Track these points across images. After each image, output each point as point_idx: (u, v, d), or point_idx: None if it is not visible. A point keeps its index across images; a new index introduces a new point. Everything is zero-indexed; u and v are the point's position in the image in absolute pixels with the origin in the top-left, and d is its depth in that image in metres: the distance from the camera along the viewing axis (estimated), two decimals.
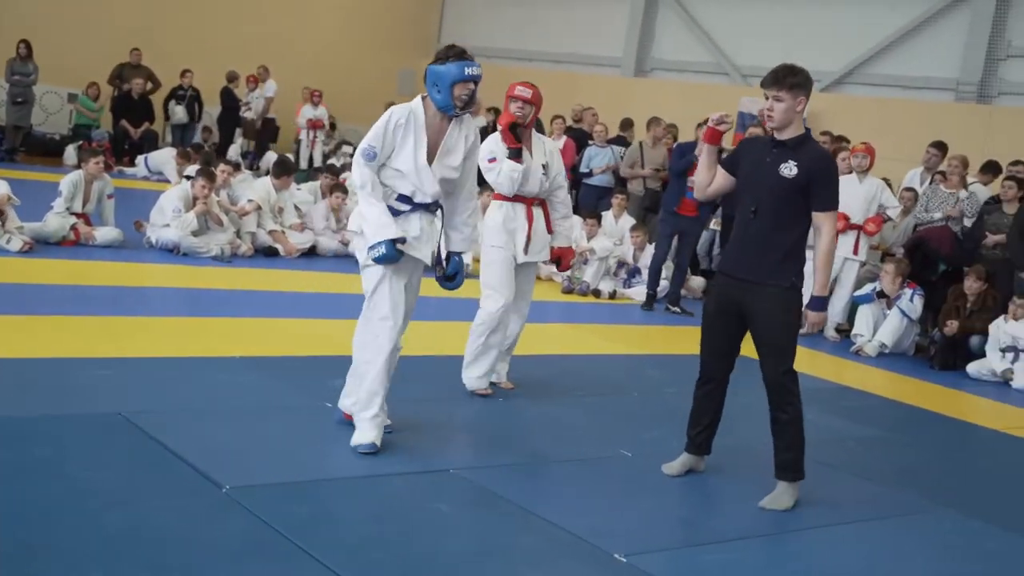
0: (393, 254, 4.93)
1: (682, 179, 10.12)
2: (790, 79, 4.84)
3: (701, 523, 4.89)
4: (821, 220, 4.85)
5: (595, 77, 18.10)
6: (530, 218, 6.44)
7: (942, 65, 14.11)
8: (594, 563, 4.13)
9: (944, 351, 9.50)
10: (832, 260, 4.92)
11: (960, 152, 10.90)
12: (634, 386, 7.17)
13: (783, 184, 4.83)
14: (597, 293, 11.06)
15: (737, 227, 5.03)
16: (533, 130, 6.51)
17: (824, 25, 15.15)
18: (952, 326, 9.40)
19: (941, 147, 11.16)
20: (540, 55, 19.40)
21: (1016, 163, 10.71)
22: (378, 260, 4.96)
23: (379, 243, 4.91)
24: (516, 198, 6.42)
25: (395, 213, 5.06)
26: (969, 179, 10.91)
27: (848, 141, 11.19)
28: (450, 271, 5.43)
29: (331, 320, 8.08)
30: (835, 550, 4.66)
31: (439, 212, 5.29)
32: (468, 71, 5.01)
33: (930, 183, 10.83)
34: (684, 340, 9.20)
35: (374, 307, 5.11)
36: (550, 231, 6.54)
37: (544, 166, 6.39)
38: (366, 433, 4.99)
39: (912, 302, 9.75)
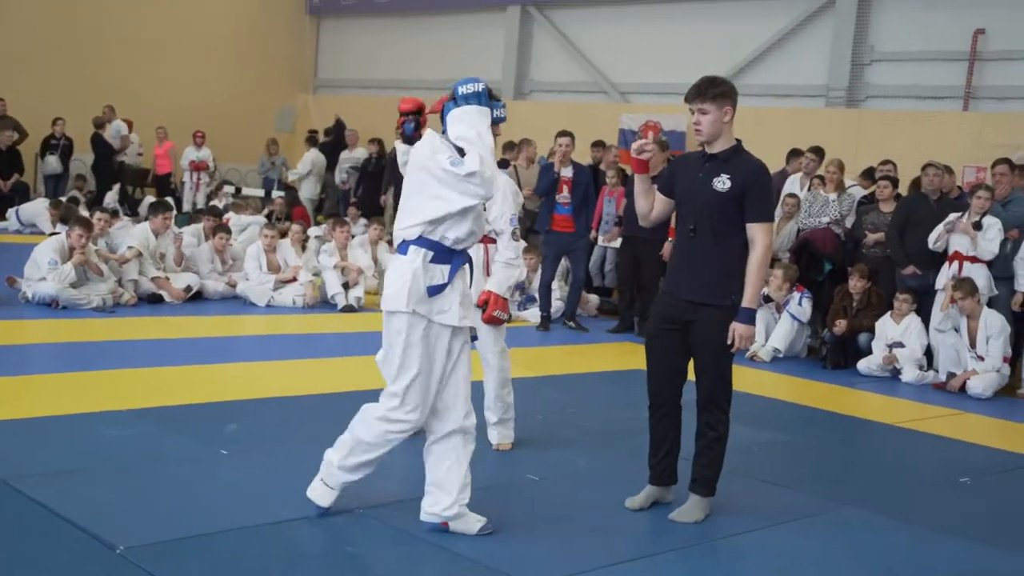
0: None
1: (550, 198, 10.32)
2: (712, 90, 4.79)
3: (615, 541, 4.84)
4: (755, 232, 4.77)
5: None
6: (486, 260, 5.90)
7: (811, 72, 14.49)
8: None
9: (835, 351, 9.69)
10: (765, 273, 4.88)
11: (834, 155, 11.18)
12: (536, 409, 7.12)
13: (718, 198, 4.77)
14: None
15: (677, 246, 4.98)
16: None
17: (696, 40, 15.44)
18: (840, 326, 9.59)
19: (818, 152, 11.42)
20: (420, 83, 19.32)
21: (886, 163, 11.02)
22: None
23: None
24: None
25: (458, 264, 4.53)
26: (848, 181, 11.18)
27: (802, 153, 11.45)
28: None
29: (222, 365, 7.88)
30: (747, 559, 4.67)
31: None
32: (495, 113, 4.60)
33: (809, 188, 11.07)
34: (582, 360, 9.21)
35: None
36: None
37: None
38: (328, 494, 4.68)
39: (801, 305, 9.92)
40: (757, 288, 4.80)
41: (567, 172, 10.35)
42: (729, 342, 4.77)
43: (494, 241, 5.76)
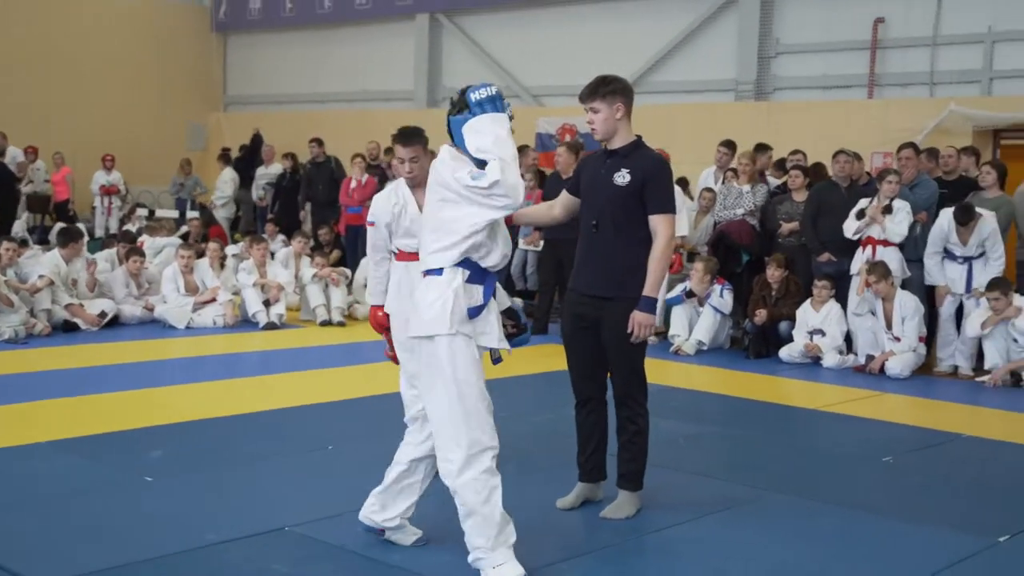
0: None
1: None
2: (603, 88, 4.84)
3: (544, 543, 4.84)
4: (657, 223, 4.81)
5: (389, 112, 18.03)
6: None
7: (720, 67, 14.68)
8: None
9: (756, 340, 9.82)
10: (667, 263, 4.90)
11: (747, 148, 11.34)
12: None
13: (618, 192, 4.82)
14: None
15: (581, 242, 4.99)
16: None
17: (605, 41, 15.55)
18: (761, 315, 9.73)
19: (730, 145, 11.57)
20: (331, 96, 19.24)
21: (795, 152, 11.20)
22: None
23: None
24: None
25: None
26: (756, 173, 11.33)
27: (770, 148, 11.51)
28: None
29: (144, 390, 7.74)
30: (678, 551, 4.70)
31: None
32: None
33: (723, 181, 11.21)
34: (504, 365, 9.18)
35: None
36: None
37: None
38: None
39: (722, 297, 10.05)
40: (657, 277, 4.82)
41: None
42: (629, 330, 4.79)
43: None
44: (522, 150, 13.07)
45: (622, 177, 4.83)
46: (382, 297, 5.44)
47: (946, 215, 9.30)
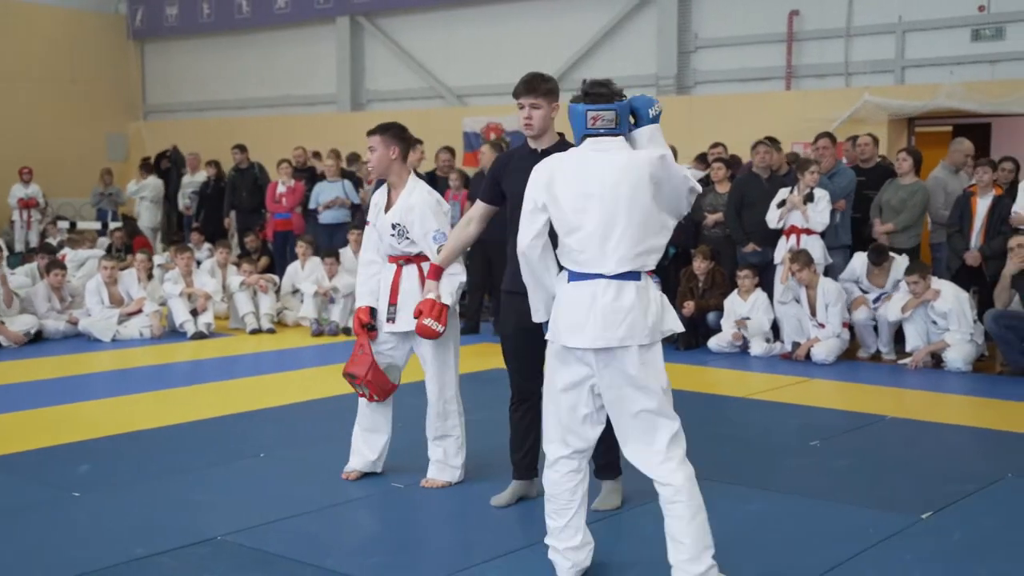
0: None
1: None
2: (544, 86, 4.85)
3: (480, 540, 4.86)
4: None
5: (313, 117, 17.95)
6: (395, 281, 5.47)
7: (641, 63, 14.82)
8: None
9: (686, 332, 9.91)
10: None
11: (669, 142, 11.43)
12: (396, 416, 7.09)
13: None
14: (347, 331, 10.92)
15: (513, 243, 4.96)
16: (405, 183, 5.49)
17: (527, 39, 15.62)
18: (689, 307, 9.85)
19: None
20: (253, 102, 19.06)
21: (715, 145, 11.36)
22: None
23: None
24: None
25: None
26: (685, 166, 11.46)
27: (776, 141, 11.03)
28: None
29: (71, 405, 7.62)
30: (608, 541, 4.75)
31: None
32: None
33: None
34: None
35: None
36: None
37: (394, 225, 5.42)
38: None
39: None
40: None
41: None
42: None
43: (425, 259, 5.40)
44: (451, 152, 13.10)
45: None
46: (367, 298, 5.52)
47: (859, 258, 9.54)
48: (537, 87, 4.85)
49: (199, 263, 11.88)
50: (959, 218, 9.57)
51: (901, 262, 9.41)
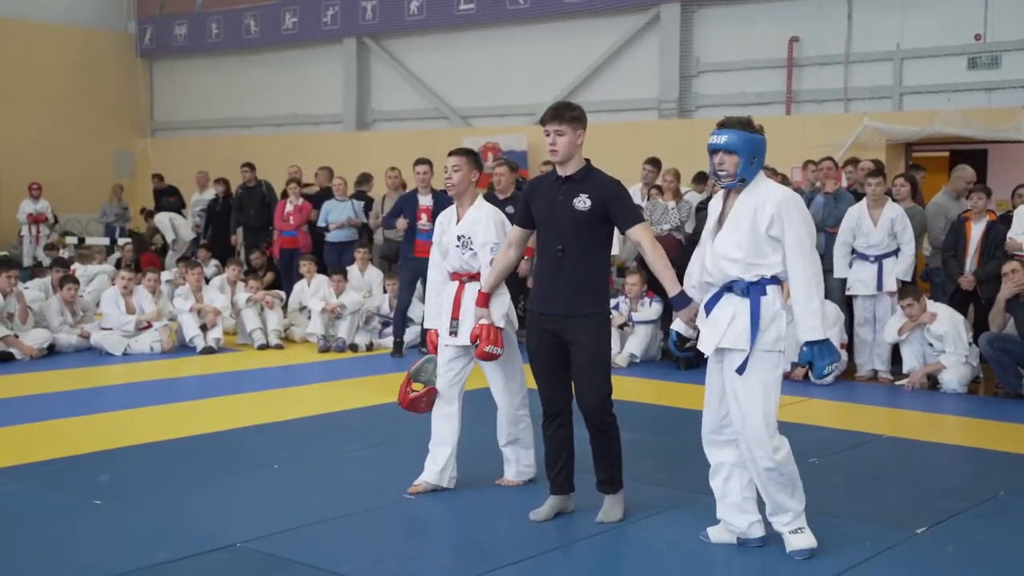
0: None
1: (411, 227, 10.26)
2: (569, 113, 5.06)
3: (492, 548, 5.02)
4: (636, 234, 5.05)
5: (319, 136, 18.17)
6: (458, 297, 5.75)
7: (643, 86, 15.05)
8: None
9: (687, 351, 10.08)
10: (666, 258, 5.08)
11: (671, 165, 11.68)
12: (406, 432, 7.26)
13: (580, 218, 5.01)
14: (354, 347, 11.10)
15: (544, 266, 5.13)
16: (474, 201, 5.78)
17: (529, 61, 15.84)
18: None
19: (655, 163, 11.90)
20: (260, 120, 19.28)
21: None
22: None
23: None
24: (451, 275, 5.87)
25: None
26: (683, 188, 11.67)
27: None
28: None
29: (88, 416, 7.79)
30: (620, 552, 4.92)
31: None
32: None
33: (648, 198, 11.51)
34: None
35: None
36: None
37: (459, 237, 5.70)
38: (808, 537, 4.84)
39: (650, 307, 10.33)
40: (669, 274, 5.01)
41: (426, 200, 10.26)
42: (688, 331, 5.03)
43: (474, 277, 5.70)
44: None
45: (582, 202, 5.02)
46: (435, 320, 5.86)
47: (858, 206, 9.66)
48: (563, 115, 5.06)
49: (207, 280, 12.05)
50: (954, 242, 9.76)
51: (895, 206, 9.56)
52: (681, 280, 5.03)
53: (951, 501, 5.74)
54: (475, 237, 5.62)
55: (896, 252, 9.52)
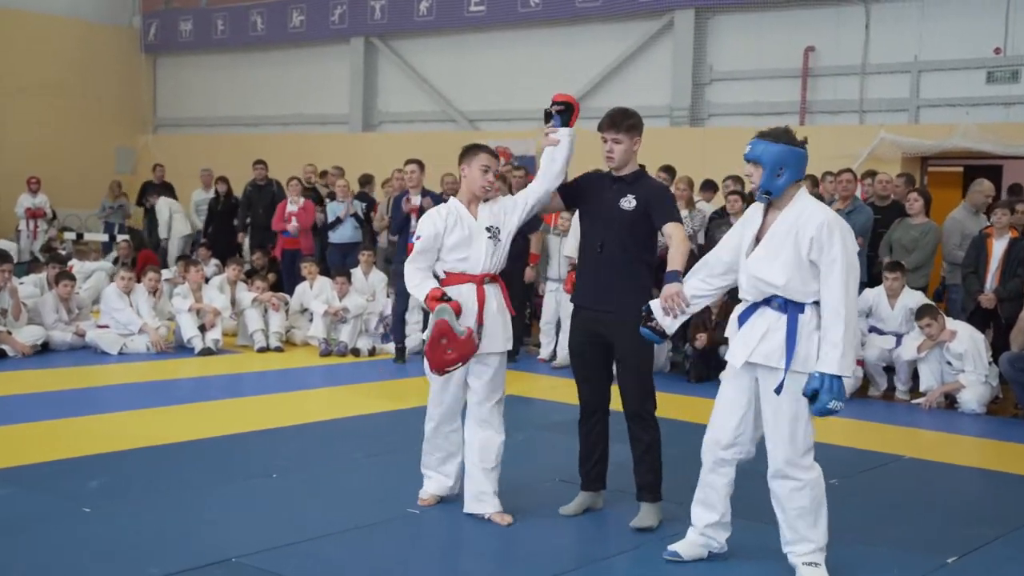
0: None
1: (405, 229, 9.93)
2: (627, 121, 5.18)
3: (505, 566, 4.80)
4: (670, 229, 5.09)
5: (324, 136, 17.96)
6: (480, 301, 5.26)
7: (655, 93, 14.82)
8: None
9: (697, 364, 9.88)
10: (687, 251, 5.07)
11: (682, 173, 11.45)
12: (411, 440, 7.02)
13: (624, 216, 5.13)
14: (356, 352, 10.86)
15: (587, 262, 5.28)
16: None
17: (540, 66, 15.63)
18: (702, 339, 9.79)
19: (669, 171, 11.65)
20: (265, 119, 19.08)
21: (730, 178, 11.33)
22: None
23: None
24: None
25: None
26: (693, 197, 11.45)
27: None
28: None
29: (80, 418, 7.55)
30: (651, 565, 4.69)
31: None
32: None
33: None
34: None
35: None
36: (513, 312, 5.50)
37: (488, 228, 5.31)
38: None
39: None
40: (680, 258, 4.96)
41: (416, 200, 9.88)
42: (663, 306, 4.82)
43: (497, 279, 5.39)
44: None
45: (628, 202, 5.15)
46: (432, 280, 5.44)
47: (873, 291, 9.45)
48: (620, 123, 5.20)
49: (207, 279, 11.81)
50: (975, 259, 9.53)
51: (913, 292, 9.36)
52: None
53: (978, 528, 5.54)
54: (503, 227, 5.28)
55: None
